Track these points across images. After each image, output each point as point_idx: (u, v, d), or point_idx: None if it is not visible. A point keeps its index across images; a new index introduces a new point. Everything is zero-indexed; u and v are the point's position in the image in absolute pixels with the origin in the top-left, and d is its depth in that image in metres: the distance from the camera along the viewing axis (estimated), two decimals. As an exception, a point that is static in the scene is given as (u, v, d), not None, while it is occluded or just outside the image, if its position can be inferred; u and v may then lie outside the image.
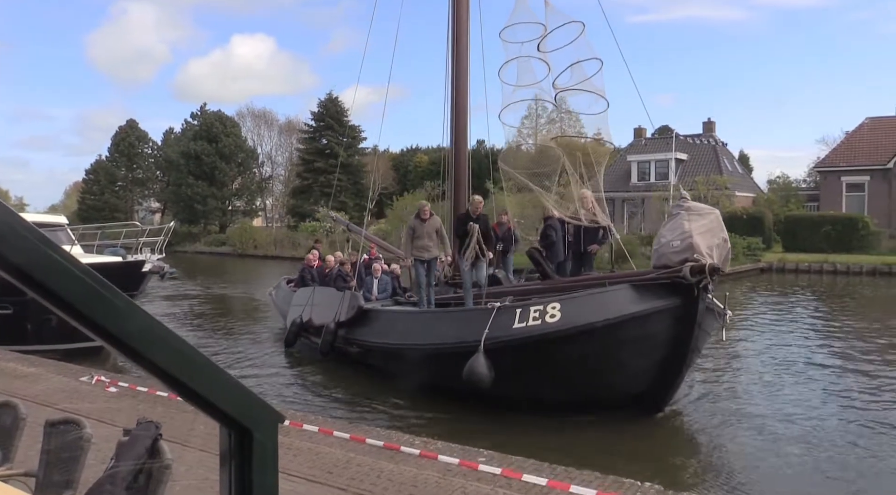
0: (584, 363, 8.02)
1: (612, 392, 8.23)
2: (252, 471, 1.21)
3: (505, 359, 8.02)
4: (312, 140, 58.83)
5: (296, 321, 12.33)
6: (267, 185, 65.17)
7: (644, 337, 7.91)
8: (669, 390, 8.38)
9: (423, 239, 10.48)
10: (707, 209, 8.13)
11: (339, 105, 58.70)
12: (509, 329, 8.14)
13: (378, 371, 10.63)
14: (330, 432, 6.51)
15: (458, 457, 5.86)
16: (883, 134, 39.77)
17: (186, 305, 20.51)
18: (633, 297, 7.90)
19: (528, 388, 8.35)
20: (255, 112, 65.46)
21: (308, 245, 45.05)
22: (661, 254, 7.90)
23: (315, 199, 55.25)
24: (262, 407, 1.24)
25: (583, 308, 7.96)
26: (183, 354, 1.00)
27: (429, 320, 9.93)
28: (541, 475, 5.53)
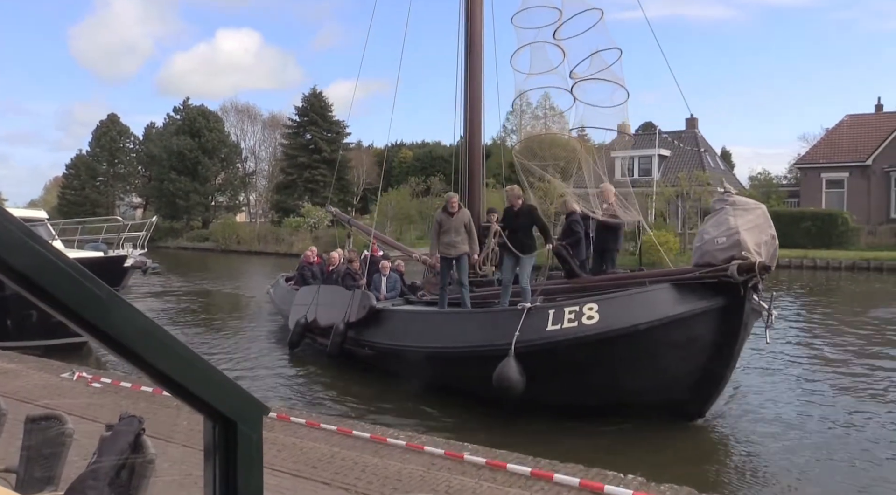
0: (623, 367, 7.58)
1: (652, 397, 7.78)
2: (237, 464, 1.20)
3: (537, 364, 7.53)
4: (296, 135, 58.49)
5: (300, 321, 11.70)
6: (250, 181, 64.74)
7: (687, 340, 7.47)
8: (712, 396, 7.90)
9: (449, 234, 9.70)
10: (753, 204, 7.66)
11: (323, 100, 58.40)
12: (542, 331, 7.65)
13: (393, 374, 10.08)
14: (317, 425, 6.51)
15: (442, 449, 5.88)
16: (862, 131, 40.27)
17: (175, 303, 20.21)
18: (676, 298, 7.44)
19: (562, 394, 7.92)
20: (239, 107, 65.00)
21: (291, 241, 45.03)
22: (704, 251, 7.45)
23: (299, 195, 55.03)
24: (247, 399, 1.24)
25: (623, 309, 7.48)
26: (167, 346, 1.00)
27: (451, 322, 9.28)
28: (524, 466, 5.57)
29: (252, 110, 65.31)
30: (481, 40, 11.81)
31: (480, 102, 12.09)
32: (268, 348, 13.17)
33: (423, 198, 43.98)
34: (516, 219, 9.30)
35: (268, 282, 27.82)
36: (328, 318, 11.10)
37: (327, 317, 11.14)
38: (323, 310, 11.37)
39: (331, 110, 58.66)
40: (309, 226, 46.93)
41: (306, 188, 55.83)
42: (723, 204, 7.56)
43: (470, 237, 9.80)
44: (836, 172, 39.10)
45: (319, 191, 55.43)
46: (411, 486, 5.15)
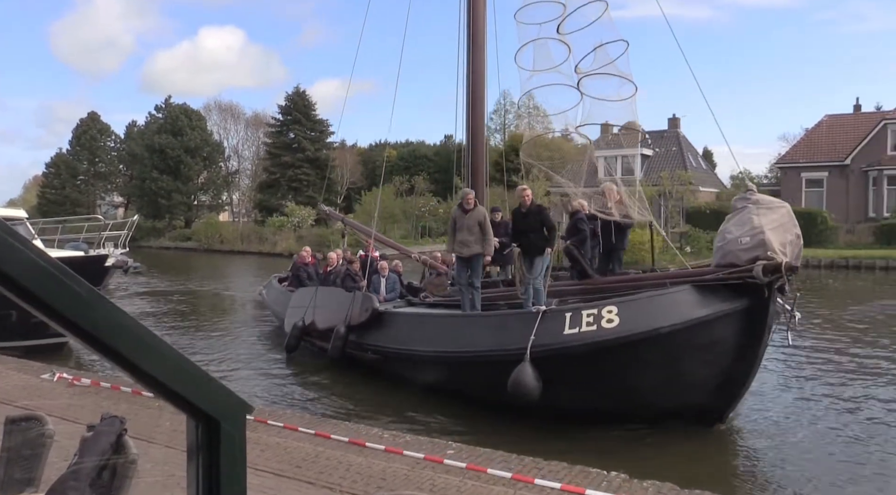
0: (643, 372, 7.33)
1: (672, 403, 7.55)
2: (220, 463, 1.20)
3: (554, 369, 7.26)
4: (280, 134, 58.22)
5: (297, 324, 11.31)
6: (233, 180, 64.31)
7: (710, 343, 7.25)
8: (734, 401, 7.69)
9: (463, 232, 9.26)
10: (777, 202, 7.42)
11: (306, 99, 58.18)
12: (559, 335, 7.37)
13: (398, 379, 9.76)
14: (295, 428, 6.48)
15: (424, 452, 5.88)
16: (841, 131, 40.82)
17: (161, 303, 19.90)
18: (698, 300, 7.19)
19: (580, 400, 7.67)
20: (222, 105, 64.56)
21: (275, 240, 44.80)
22: (726, 251, 7.21)
23: (282, 194, 54.79)
24: (230, 397, 1.23)
25: (644, 312, 7.21)
26: (148, 344, 1.00)
27: (462, 325, 8.89)
28: (508, 466, 5.59)
29: (235, 109, 64.97)
30: (484, 38, 11.59)
31: (483, 100, 11.90)
32: (262, 351, 12.85)
33: (407, 197, 43.95)
34: (525, 219, 9.01)
35: (253, 282, 27.69)
36: (327, 321, 10.79)
37: (326, 320, 10.85)
38: (321, 313, 11.07)
39: (314, 109, 58.47)
40: (293, 225, 46.71)
41: (290, 187, 55.59)
42: (745, 202, 7.29)
43: (484, 236, 9.33)
44: (816, 172, 39.61)
45: (303, 190, 55.24)
46: (396, 485, 5.15)
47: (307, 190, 55.48)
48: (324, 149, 58.91)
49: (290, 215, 47.52)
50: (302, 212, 48.25)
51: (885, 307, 17.94)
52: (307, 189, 55.53)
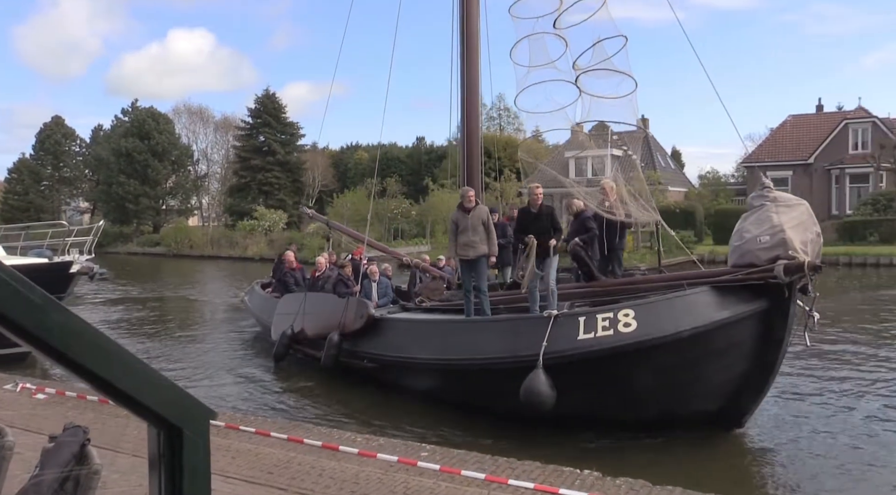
0: (662, 378, 7.07)
1: (691, 409, 7.33)
2: (183, 471, 1.18)
3: (568, 376, 6.94)
4: (249, 137, 57.64)
5: (286, 332, 10.86)
6: (202, 184, 63.50)
7: (730, 346, 7.04)
8: (753, 405, 7.47)
9: (466, 233, 8.80)
10: (795, 200, 7.19)
11: (276, 102, 57.69)
12: (573, 341, 7.07)
13: (396, 388, 9.38)
14: (267, 433, 6.41)
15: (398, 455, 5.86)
16: (804, 131, 41.76)
17: (132, 311, 19.39)
18: (718, 301, 6.94)
19: (595, 408, 7.38)
20: (191, 108, 63.69)
21: (246, 244, 44.33)
22: (745, 250, 6.97)
23: (253, 198, 54.28)
24: (192, 403, 1.21)
25: (662, 315, 6.92)
26: (106, 351, 0.98)
27: (468, 331, 8.48)
28: (482, 467, 5.60)
29: (204, 112, 64.09)
30: (478, 35, 11.31)
31: (478, 99, 11.57)
32: (247, 360, 12.34)
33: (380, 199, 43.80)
34: (537, 219, 8.55)
35: (225, 287, 27.38)
36: (319, 329, 10.39)
37: (317, 328, 10.45)
38: (312, 320, 10.66)
39: (284, 112, 58.01)
40: (263, 229, 46.27)
41: (260, 190, 55.07)
42: (763, 200, 7.03)
43: (489, 236, 8.92)
44: (781, 171, 40.42)
45: (274, 193, 54.78)
46: (369, 489, 5.13)
47: (278, 193, 55.01)
48: (294, 152, 58.51)
49: (261, 219, 47.05)
50: (273, 215, 47.82)
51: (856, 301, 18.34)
52: (278, 192, 55.06)
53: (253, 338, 14.06)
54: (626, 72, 9.74)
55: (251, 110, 57.44)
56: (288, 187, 56.38)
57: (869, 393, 9.31)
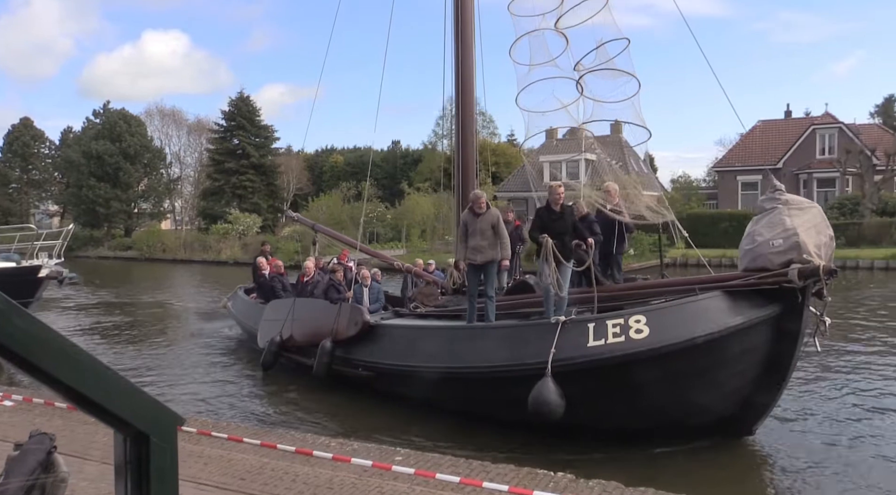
0: (675, 386, 6.88)
1: (703, 417, 7.15)
2: (150, 477, 1.18)
3: (578, 385, 6.73)
4: (223, 140, 57.10)
5: (274, 339, 10.50)
6: (175, 187, 62.74)
7: (744, 352, 6.88)
8: (765, 411, 7.32)
9: (475, 237, 8.53)
10: (807, 202, 7.05)
11: (250, 104, 57.24)
12: (583, 348, 6.87)
13: (393, 397, 9.03)
14: (240, 439, 6.35)
15: (372, 459, 5.84)
16: (773, 136, 42.59)
17: (105, 316, 18.92)
18: (731, 306, 6.77)
19: (605, 417, 7.17)
20: (164, 111, 62.91)
21: (219, 248, 43.87)
22: (757, 254, 6.83)
23: (227, 201, 53.78)
24: (159, 409, 1.21)
25: (676, 321, 6.74)
26: (69, 356, 0.97)
27: (471, 338, 8.18)
28: (456, 470, 5.60)
29: (177, 114, 63.37)
30: (472, 35, 11.12)
31: (473, 101, 11.42)
32: (229, 367, 12.01)
33: (355, 203, 43.66)
34: (561, 219, 8.12)
35: (198, 291, 27.04)
36: (309, 335, 10.07)
37: (308, 334, 10.12)
38: (302, 327, 10.31)
39: (259, 115, 57.59)
40: (237, 233, 45.84)
41: (234, 194, 54.57)
42: (774, 203, 6.89)
43: (500, 240, 8.61)
44: (751, 175, 41.17)
45: (248, 196, 54.33)
46: (343, 494, 5.11)
47: (252, 197, 54.57)
48: (269, 156, 58.10)
49: (235, 223, 46.62)
50: (247, 219, 47.41)
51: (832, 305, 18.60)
52: (252, 196, 54.62)
53: (236, 345, 13.78)
54: (629, 72, 9.61)
55: (225, 113, 56.93)
56: (262, 190, 55.95)
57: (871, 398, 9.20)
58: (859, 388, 9.78)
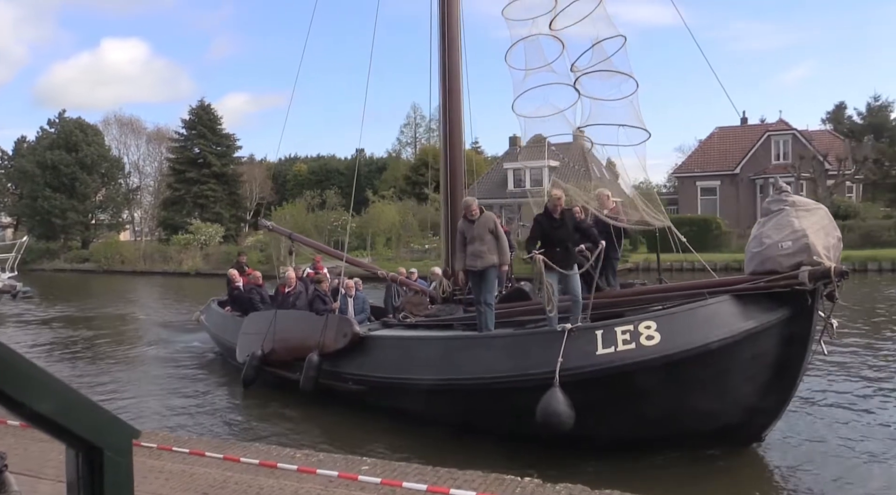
0: (687, 393, 6.70)
1: (714, 424, 6.96)
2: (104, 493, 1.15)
3: (587, 394, 6.50)
4: (184, 149, 56.26)
5: (255, 354, 10.09)
6: (134, 197, 61.54)
7: (755, 357, 6.72)
8: (775, 416, 7.17)
9: (474, 243, 8.38)
10: (813, 204, 6.94)
11: (211, 113, 56.53)
12: (592, 356, 6.66)
13: (385, 411, 8.69)
14: (202, 453, 6.24)
15: (338, 469, 5.79)
16: (730, 142, 43.64)
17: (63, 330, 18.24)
18: (742, 311, 6.62)
19: (614, 428, 6.93)
20: (122, 120, 61.73)
21: (180, 259, 43.12)
22: (766, 257, 6.71)
23: (188, 211, 52.93)
24: (113, 422, 1.19)
25: (688, 326, 6.57)
26: (16, 369, 0.95)
27: (471, 347, 7.90)
28: (423, 478, 5.59)
29: (135, 123, 62.27)
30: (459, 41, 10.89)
31: (460, 106, 11.07)
32: (202, 380, 11.58)
33: (319, 211, 43.38)
34: (560, 229, 7.91)
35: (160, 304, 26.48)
36: (294, 349, 9.73)
37: (292, 348, 9.80)
38: (285, 340, 9.96)
39: (220, 123, 56.90)
40: (199, 243, 45.12)
41: (196, 204, 53.73)
42: (781, 204, 6.78)
43: (499, 244, 8.39)
44: (709, 181, 42.11)
45: (210, 206, 53.56)
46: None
47: (214, 206, 53.81)
48: (231, 165, 57.42)
49: (197, 233, 45.88)
50: (209, 229, 46.70)
51: None
52: (214, 205, 53.86)
53: (207, 359, 13.34)
54: (626, 72, 9.47)
55: (185, 121, 56.12)
56: (224, 200, 55.21)
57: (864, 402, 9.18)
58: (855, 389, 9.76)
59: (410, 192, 51.26)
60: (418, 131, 76.87)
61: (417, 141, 74.62)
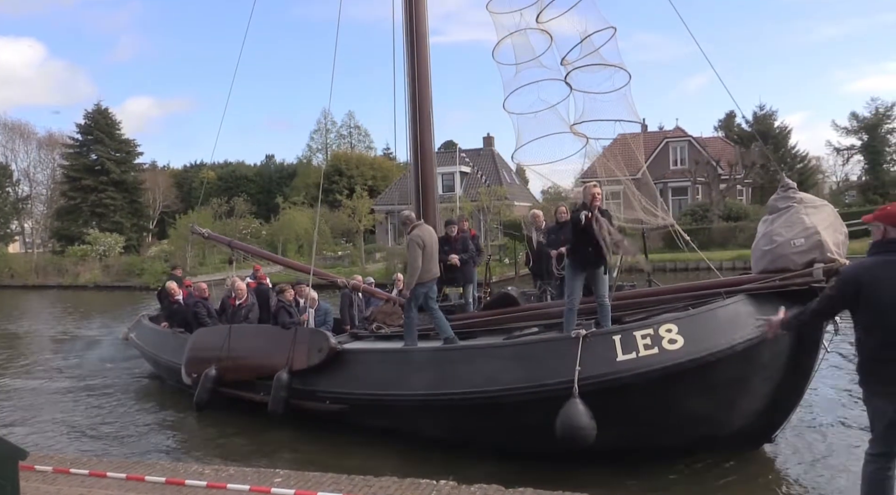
0: (711, 397, 6.41)
1: (731, 427, 6.71)
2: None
3: (607, 404, 6.14)
4: (79, 155, 53.41)
5: (208, 374, 9.21)
6: (24, 206, 57.78)
7: (773, 357, 6.49)
8: (786, 417, 6.94)
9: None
10: (819, 201, 6.81)
11: (109, 117, 53.98)
12: (613, 363, 6.29)
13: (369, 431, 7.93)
14: (103, 474, 5.95)
15: (250, 483, 5.66)
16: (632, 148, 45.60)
17: None
18: (759, 310, 6.37)
19: (634, 437, 6.54)
20: (9, 124, 57.82)
21: (77, 271, 40.80)
22: (778, 255, 6.57)
23: (84, 220, 50.26)
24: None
25: (710, 328, 6.31)
26: None
27: (473, 358, 7.30)
28: (338, 487, 5.54)
29: (24, 128, 58.45)
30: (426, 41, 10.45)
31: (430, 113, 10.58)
32: (145, 406, 10.38)
33: (227, 219, 42.14)
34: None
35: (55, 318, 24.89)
36: (256, 367, 8.93)
37: (254, 366, 8.97)
38: (244, 357, 9.12)
39: (119, 128, 54.45)
40: (98, 254, 42.88)
41: (93, 213, 51.12)
42: (789, 201, 6.66)
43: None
44: (613, 185, 43.74)
45: (109, 215, 51.11)
46: (218, 522, 4.91)
47: (113, 215, 51.36)
48: (132, 172, 55.01)
49: (95, 243, 43.59)
50: (108, 239, 44.47)
51: None
52: (113, 214, 51.41)
53: (145, 384, 12.10)
54: (618, 64, 9.20)
55: (81, 126, 53.30)
56: (125, 208, 52.82)
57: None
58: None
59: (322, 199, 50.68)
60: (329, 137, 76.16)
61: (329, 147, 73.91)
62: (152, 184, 58.26)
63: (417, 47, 10.39)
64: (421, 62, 10.39)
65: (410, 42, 10.42)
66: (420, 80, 10.31)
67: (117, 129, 54.14)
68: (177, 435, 8.98)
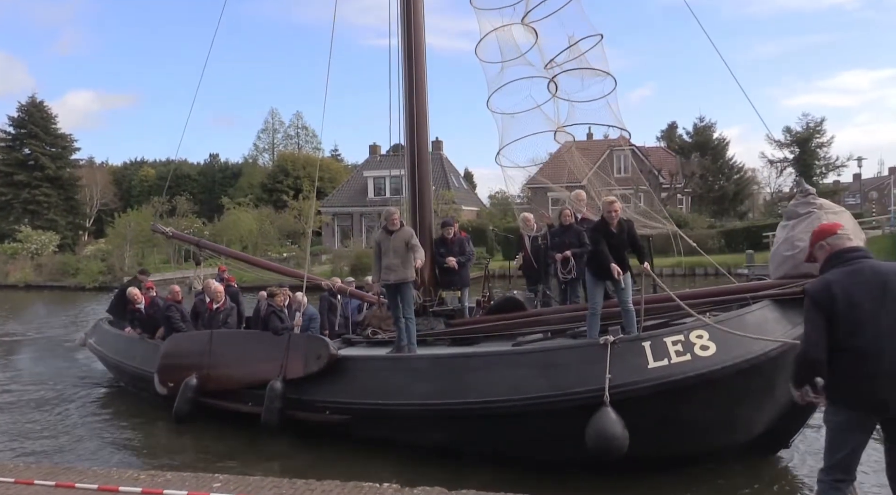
0: (741, 404, 6.37)
1: (754, 433, 6.68)
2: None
3: (640, 412, 6.02)
4: (12, 150, 51.23)
5: (189, 383, 8.65)
6: (-50, 203, 55.08)
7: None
8: (803, 422, 6.89)
9: (388, 255, 8.10)
10: (838, 207, 6.79)
11: (44, 111, 51.98)
12: (644, 371, 6.15)
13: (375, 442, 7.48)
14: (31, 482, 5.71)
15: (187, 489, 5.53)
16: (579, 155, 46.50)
17: None
18: (785, 316, 6.38)
19: (662, 445, 6.38)
20: (-68, 115, 55.11)
21: (6, 271, 39.00)
22: (800, 260, 6.47)
23: (16, 217, 48.26)
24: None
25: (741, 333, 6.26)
26: None
27: (488, 366, 6.99)
28: (280, 491, 5.47)
29: (-50, 120, 55.80)
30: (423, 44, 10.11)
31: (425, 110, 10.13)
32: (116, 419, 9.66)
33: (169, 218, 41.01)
34: (616, 236, 7.38)
35: None
36: (244, 375, 8.45)
37: (242, 374, 8.48)
38: (229, 365, 8.64)
39: (55, 122, 52.48)
40: (30, 252, 41.15)
41: (25, 210, 49.12)
42: (809, 207, 6.66)
43: (415, 259, 8.09)
44: (560, 192, 44.55)
45: (42, 213, 49.20)
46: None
47: (47, 213, 49.46)
48: (68, 168, 53.06)
49: (26, 241, 41.84)
50: (41, 237, 42.74)
51: None
52: (47, 212, 49.51)
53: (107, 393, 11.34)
54: (604, 70, 9.20)
55: (13, 119, 51.17)
56: (60, 206, 50.92)
57: None
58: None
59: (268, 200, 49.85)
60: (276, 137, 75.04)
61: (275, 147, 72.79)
62: (90, 181, 56.30)
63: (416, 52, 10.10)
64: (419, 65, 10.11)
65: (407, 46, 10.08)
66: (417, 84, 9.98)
67: (53, 123, 52.20)
68: (142, 447, 8.49)
